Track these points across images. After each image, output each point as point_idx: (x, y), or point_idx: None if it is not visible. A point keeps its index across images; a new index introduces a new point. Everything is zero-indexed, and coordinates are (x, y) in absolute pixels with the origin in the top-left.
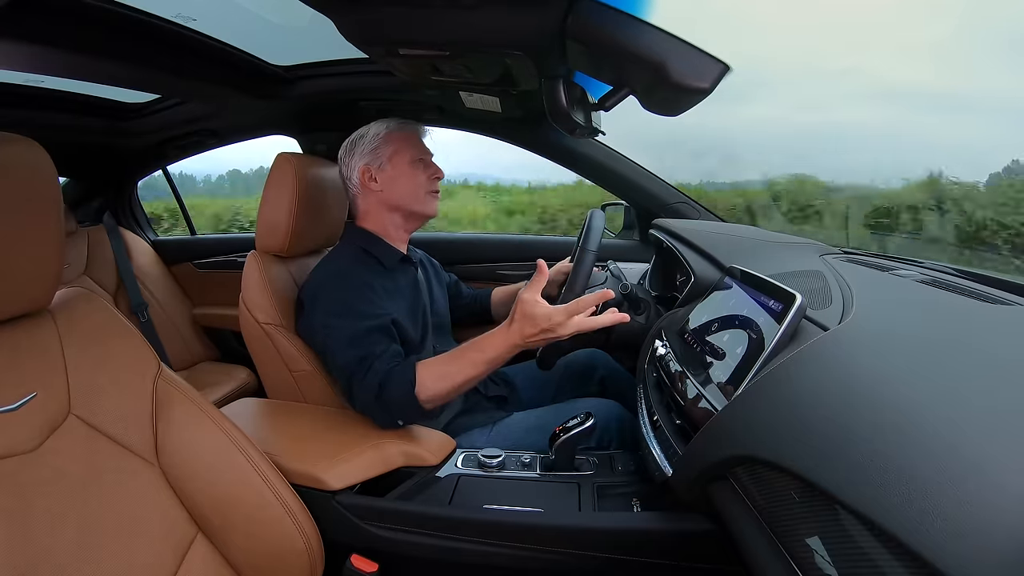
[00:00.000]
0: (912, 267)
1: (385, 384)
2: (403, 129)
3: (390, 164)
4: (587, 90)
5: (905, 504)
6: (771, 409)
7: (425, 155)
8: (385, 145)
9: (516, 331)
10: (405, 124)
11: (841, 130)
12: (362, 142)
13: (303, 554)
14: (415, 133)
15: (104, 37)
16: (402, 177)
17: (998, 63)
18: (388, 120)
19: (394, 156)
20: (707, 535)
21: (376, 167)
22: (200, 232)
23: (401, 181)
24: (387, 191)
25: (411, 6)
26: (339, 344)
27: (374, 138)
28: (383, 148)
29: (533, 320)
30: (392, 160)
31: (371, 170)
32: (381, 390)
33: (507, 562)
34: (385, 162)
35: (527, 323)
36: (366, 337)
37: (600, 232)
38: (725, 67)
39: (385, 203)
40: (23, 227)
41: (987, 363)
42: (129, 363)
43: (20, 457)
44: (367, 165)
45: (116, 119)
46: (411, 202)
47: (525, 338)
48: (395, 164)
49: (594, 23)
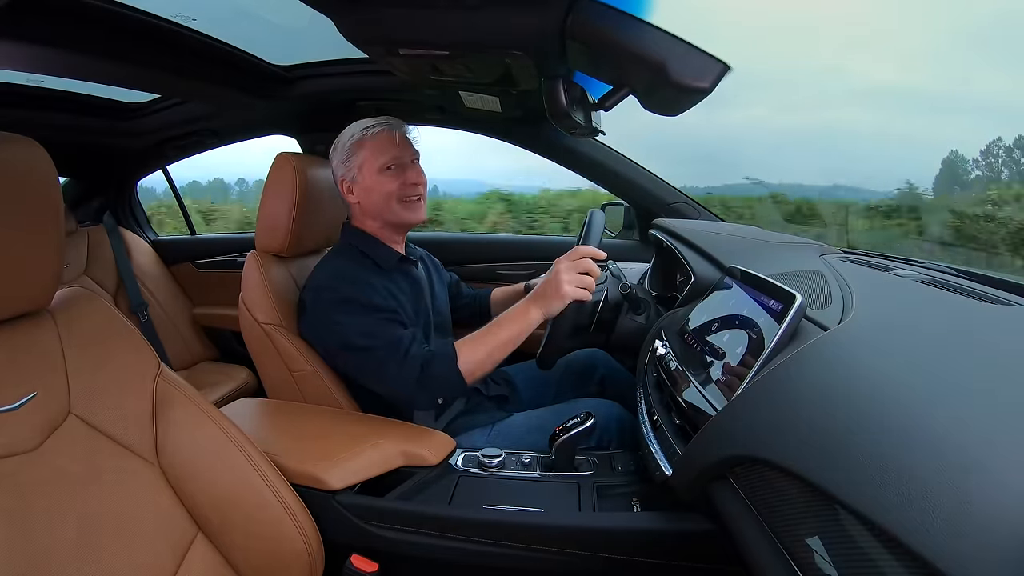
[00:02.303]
0: (912, 267)
1: (428, 364)
2: (371, 133)
3: (360, 175)
4: (587, 90)
5: (905, 504)
6: (771, 409)
7: (398, 159)
8: (355, 155)
9: (533, 295)
10: (375, 126)
11: (826, 132)
12: (338, 149)
13: (303, 554)
14: (388, 135)
15: (104, 37)
16: (373, 188)
17: (984, 63)
18: (362, 122)
19: (363, 166)
20: (707, 535)
21: (350, 179)
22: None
23: (375, 192)
24: (363, 202)
25: (411, 6)
26: (356, 337)
27: (344, 147)
28: (353, 159)
29: (546, 279)
30: (361, 171)
31: (347, 182)
32: (423, 370)
33: (507, 562)
34: (356, 173)
35: (542, 284)
36: (382, 327)
37: (600, 232)
38: (725, 67)
39: (366, 213)
40: (23, 227)
41: (987, 363)
42: (129, 363)
43: (20, 457)
44: (342, 177)
45: (116, 119)
46: (387, 214)
47: (538, 296)
48: (364, 174)
49: (594, 23)
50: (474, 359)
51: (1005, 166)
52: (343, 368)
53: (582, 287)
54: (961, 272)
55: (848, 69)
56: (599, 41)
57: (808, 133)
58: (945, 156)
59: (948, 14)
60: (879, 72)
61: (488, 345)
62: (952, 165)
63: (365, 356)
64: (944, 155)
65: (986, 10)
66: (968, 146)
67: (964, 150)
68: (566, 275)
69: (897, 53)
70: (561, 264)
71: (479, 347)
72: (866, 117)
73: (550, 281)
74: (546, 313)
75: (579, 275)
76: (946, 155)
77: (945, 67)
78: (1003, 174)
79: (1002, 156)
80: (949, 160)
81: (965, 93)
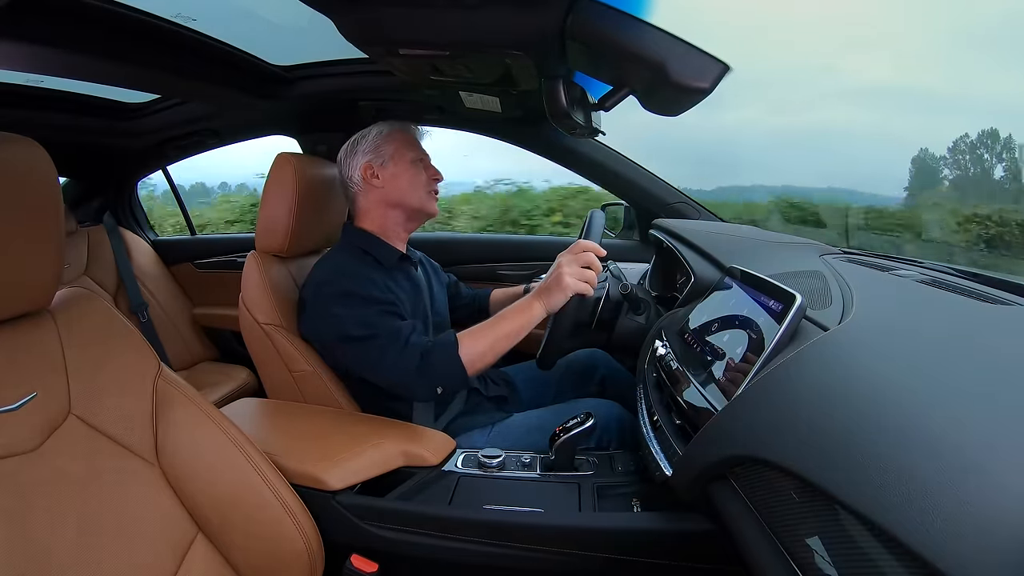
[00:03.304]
0: (912, 267)
1: (429, 352)
2: (404, 130)
3: (392, 161)
4: (587, 90)
5: (905, 504)
6: (771, 409)
7: (424, 157)
8: (387, 143)
9: (536, 290)
10: (406, 126)
11: (820, 133)
12: (364, 140)
13: (303, 554)
14: (415, 135)
15: (104, 37)
16: (404, 174)
17: (979, 62)
18: (390, 121)
19: (395, 154)
20: (707, 535)
21: (379, 164)
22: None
23: (403, 178)
24: (389, 187)
25: (411, 6)
26: (355, 328)
27: (376, 136)
28: (385, 146)
29: (551, 272)
30: (394, 157)
31: (373, 167)
32: (424, 359)
33: (507, 562)
34: (387, 159)
35: (545, 280)
36: (381, 318)
37: (600, 232)
38: (725, 67)
39: (386, 200)
40: (23, 227)
41: (987, 363)
42: (129, 363)
43: (20, 457)
44: (370, 162)
45: (116, 119)
46: (412, 199)
47: (541, 291)
48: (396, 161)
49: (594, 23)
50: (476, 350)
51: (972, 163)
52: (343, 362)
53: (584, 280)
54: (961, 272)
55: (842, 68)
56: (599, 41)
57: (804, 134)
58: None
59: (948, 14)
60: (875, 71)
61: (490, 337)
62: (922, 163)
63: (365, 346)
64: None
65: (986, 10)
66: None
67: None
68: (568, 268)
69: (895, 53)
70: (563, 258)
71: (481, 338)
72: (862, 117)
73: (552, 275)
74: (548, 307)
75: (581, 268)
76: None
77: (947, 67)
78: (970, 171)
79: (968, 153)
80: (919, 159)
81: (965, 93)
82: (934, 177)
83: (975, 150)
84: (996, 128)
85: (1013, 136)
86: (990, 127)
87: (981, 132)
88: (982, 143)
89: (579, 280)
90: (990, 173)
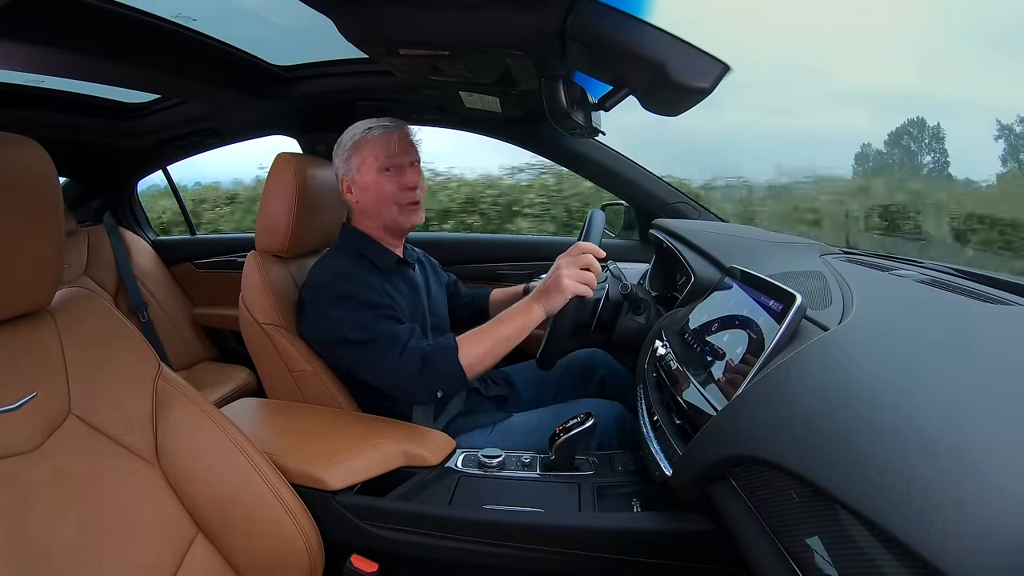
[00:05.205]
0: (912, 267)
1: (429, 356)
2: (372, 134)
3: (358, 175)
4: (587, 90)
5: (905, 504)
6: (771, 409)
7: (396, 161)
8: (355, 154)
9: (535, 292)
10: (376, 127)
11: (816, 133)
12: (339, 148)
13: (303, 554)
14: (388, 136)
15: (104, 37)
16: (370, 189)
17: (974, 62)
18: (365, 123)
19: (362, 167)
20: (707, 535)
21: (349, 178)
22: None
23: (369, 194)
24: (361, 202)
25: (411, 6)
26: (354, 332)
27: (346, 146)
28: (353, 158)
29: (550, 274)
30: (360, 171)
31: (346, 180)
32: (424, 362)
33: (507, 562)
34: (355, 173)
35: (544, 281)
36: (379, 322)
37: (600, 233)
38: (725, 67)
39: (364, 213)
40: (23, 227)
41: (987, 363)
42: (129, 363)
43: (20, 457)
44: (343, 175)
45: (116, 119)
46: (384, 215)
47: (540, 293)
48: (363, 174)
49: (594, 23)
50: (475, 353)
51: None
52: (342, 364)
53: (583, 282)
54: (961, 272)
55: (834, 71)
56: (599, 41)
57: (800, 134)
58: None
59: (947, 13)
60: (870, 72)
61: (489, 340)
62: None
63: (364, 350)
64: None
65: (986, 10)
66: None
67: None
68: (567, 270)
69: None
70: (562, 260)
71: (481, 342)
72: (860, 117)
73: (551, 277)
74: (548, 309)
75: (580, 270)
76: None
77: (944, 66)
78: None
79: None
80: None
81: (962, 92)
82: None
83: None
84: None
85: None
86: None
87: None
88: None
89: (578, 282)
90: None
